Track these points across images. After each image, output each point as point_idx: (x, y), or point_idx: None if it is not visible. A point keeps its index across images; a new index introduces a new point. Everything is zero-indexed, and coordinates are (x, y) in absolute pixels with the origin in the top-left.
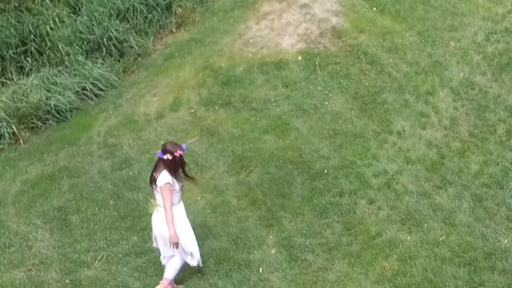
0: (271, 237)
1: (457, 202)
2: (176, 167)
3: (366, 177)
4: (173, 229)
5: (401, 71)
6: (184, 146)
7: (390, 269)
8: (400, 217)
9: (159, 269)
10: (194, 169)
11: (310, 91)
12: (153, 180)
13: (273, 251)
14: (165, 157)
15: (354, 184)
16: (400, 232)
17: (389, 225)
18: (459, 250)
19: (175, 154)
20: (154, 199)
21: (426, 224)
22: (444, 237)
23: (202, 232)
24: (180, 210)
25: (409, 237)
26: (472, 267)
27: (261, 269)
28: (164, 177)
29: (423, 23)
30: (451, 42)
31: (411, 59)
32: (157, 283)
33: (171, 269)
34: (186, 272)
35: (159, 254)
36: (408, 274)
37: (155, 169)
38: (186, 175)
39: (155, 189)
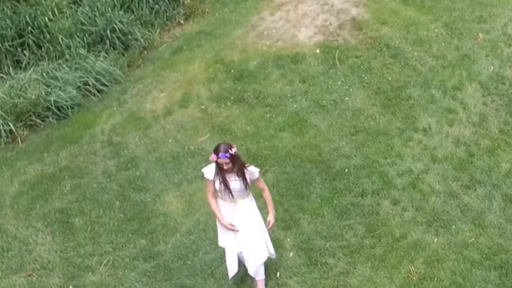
0: (289, 240)
1: (487, 202)
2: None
3: (389, 177)
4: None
5: (427, 64)
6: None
7: (416, 273)
8: (426, 218)
9: (169, 274)
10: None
11: (329, 86)
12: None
13: (291, 255)
14: (232, 151)
15: (377, 184)
16: (426, 234)
17: (414, 226)
18: (490, 253)
19: (233, 146)
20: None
21: (454, 226)
22: (473, 239)
23: (215, 235)
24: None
25: (436, 239)
26: (503, 270)
27: (278, 274)
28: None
29: (450, 14)
30: (480, 34)
31: (437, 52)
32: None
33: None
34: (198, 277)
35: (168, 258)
36: (436, 278)
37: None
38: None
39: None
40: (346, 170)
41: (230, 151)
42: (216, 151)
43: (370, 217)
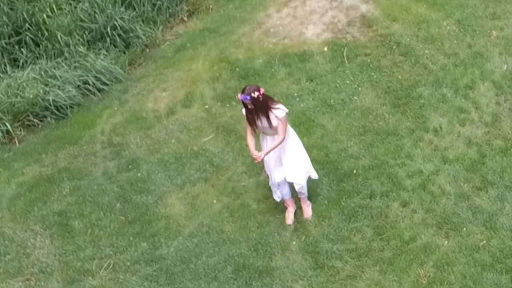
0: (294, 242)
1: (499, 204)
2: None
3: (399, 178)
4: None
5: (438, 63)
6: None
7: (425, 276)
8: (437, 221)
9: (171, 278)
10: (209, 170)
11: (337, 85)
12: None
13: (297, 258)
14: (255, 95)
15: (386, 186)
16: (436, 237)
17: (424, 229)
18: (501, 256)
19: (260, 90)
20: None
21: (465, 228)
22: (484, 241)
23: (219, 238)
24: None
25: (446, 242)
26: None
27: (284, 277)
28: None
29: (463, 11)
30: (493, 31)
31: (449, 50)
32: None
33: (303, 189)
34: (201, 281)
35: (171, 261)
36: (446, 282)
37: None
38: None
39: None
40: (354, 171)
41: (252, 94)
42: (242, 91)
43: (379, 220)
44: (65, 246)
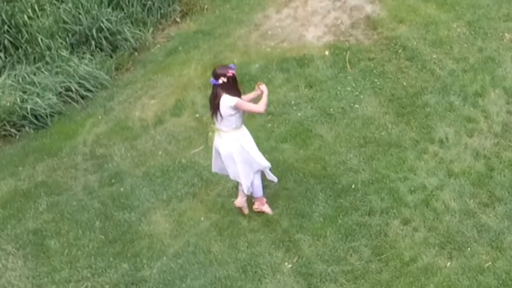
0: (287, 263)
1: (507, 222)
2: (234, 86)
3: (400, 193)
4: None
5: (446, 68)
6: (232, 65)
7: None
8: (439, 240)
9: None
10: (198, 184)
11: (338, 92)
12: (215, 107)
13: (289, 281)
14: (220, 81)
15: (387, 202)
16: (438, 258)
17: (426, 249)
18: (507, 278)
19: (228, 74)
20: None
21: (469, 248)
22: (490, 263)
23: (205, 259)
24: (244, 132)
25: (449, 263)
26: None
27: None
28: (228, 100)
29: (474, 12)
30: (506, 34)
31: (458, 54)
32: None
33: (257, 188)
34: None
35: (153, 284)
36: None
37: (215, 97)
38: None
39: (220, 117)
40: (353, 186)
41: (220, 79)
42: (226, 67)
43: (378, 239)
44: (40, 267)
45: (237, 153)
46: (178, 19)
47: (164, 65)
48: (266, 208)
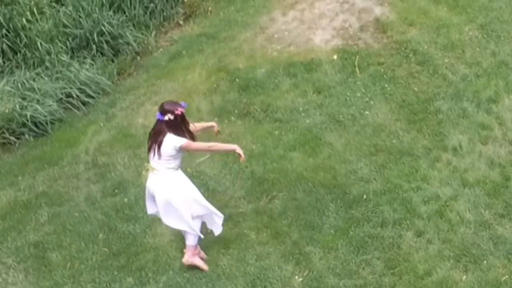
0: (297, 277)
1: None
2: (180, 126)
3: (413, 204)
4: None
5: (459, 73)
6: (183, 103)
7: None
8: (454, 253)
9: None
10: (204, 195)
11: (347, 98)
12: (157, 144)
13: None
14: (166, 117)
15: (399, 213)
16: (454, 271)
17: (440, 262)
18: None
19: (176, 112)
20: (148, 163)
21: (485, 261)
22: (507, 276)
23: (213, 273)
24: (182, 175)
25: (464, 277)
26: None
27: None
28: (173, 140)
29: (486, 14)
30: None
31: (470, 58)
32: None
33: (190, 236)
34: None
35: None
36: None
37: (157, 133)
38: (190, 134)
39: (158, 155)
40: (365, 196)
41: (166, 115)
42: (176, 104)
43: (391, 251)
44: (41, 281)
45: (177, 197)
46: (181, 22)
47: (168, 70)
48: (199, 262)
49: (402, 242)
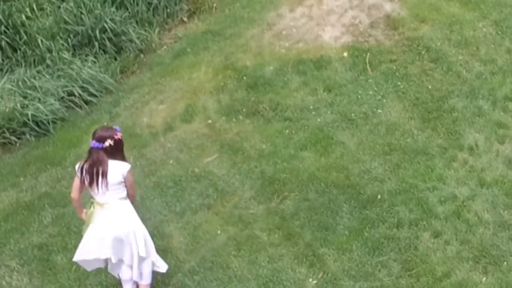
0: (311, 280)
1: None
2: (120, 151)
3: (430, 204)
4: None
5: (473, 70)
6: (117, 127)
7: None
8: (473, 254)
9: None
10: (212, 196)
11: (359, 96)
12: (101, 175)
13: None
14: (106, 144)
15: (415, 213)
16: (473, 272)
17: (459, 263)
18: None
19: (116, 137)
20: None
21: (505, 262)
22: None
23: (224, 275)
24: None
25: (484, 279)
26: None
27: None
28: (118, 166)
29: (500, 10)
30: None
31: (485, 55)
32: None
33: (148, 274)
34: None
35: None
36: None
37: (96, 163)
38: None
39: (105, 187)
40: (379, 197)
41: (106, 142)
42: (110, 129)
43: (407, 253)
44: (46, 285)
45: (136, 226)
46: (185, 19)
47: (172, 68)
48: None
49: (419, 243)
